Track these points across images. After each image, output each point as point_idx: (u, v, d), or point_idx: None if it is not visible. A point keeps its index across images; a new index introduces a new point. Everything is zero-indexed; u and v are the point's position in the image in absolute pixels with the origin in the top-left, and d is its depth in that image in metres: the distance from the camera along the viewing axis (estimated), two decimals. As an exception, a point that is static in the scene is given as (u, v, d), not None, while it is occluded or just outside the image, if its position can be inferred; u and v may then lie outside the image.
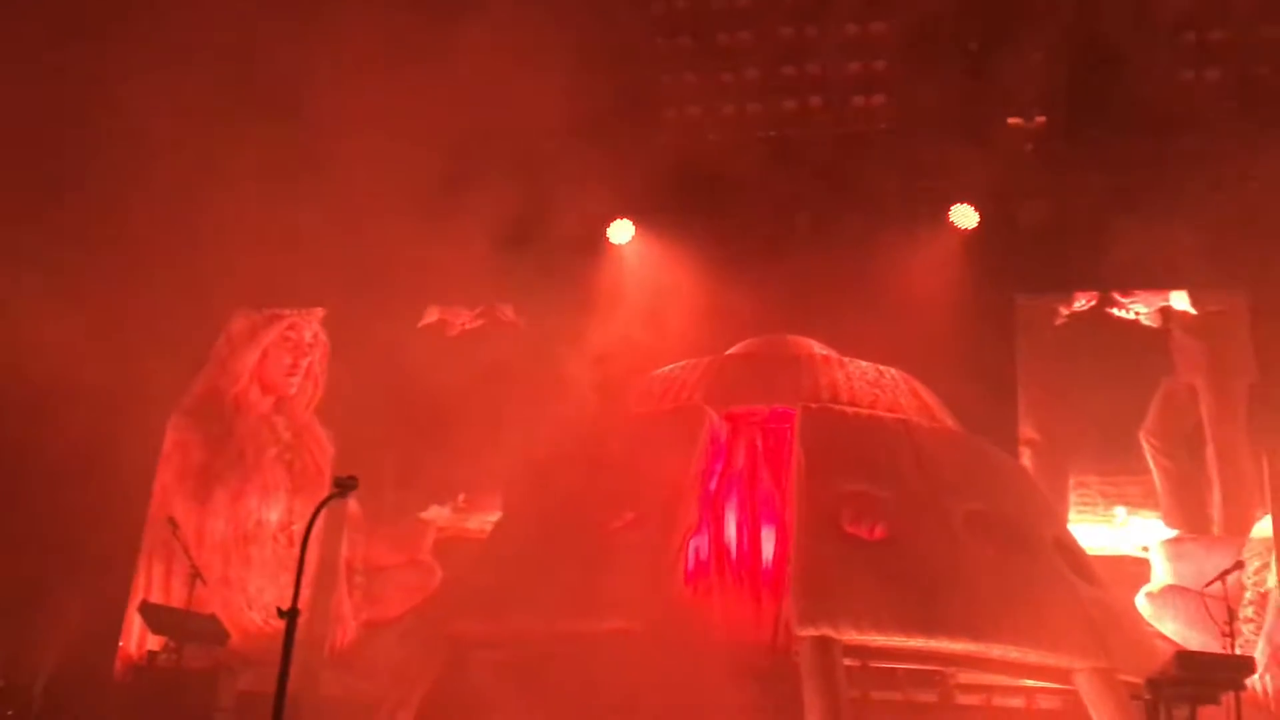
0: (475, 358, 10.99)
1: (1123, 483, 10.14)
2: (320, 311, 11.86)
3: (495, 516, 10.05)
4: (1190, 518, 9.86)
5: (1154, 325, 10.40)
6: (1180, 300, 10.29)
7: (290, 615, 5.22)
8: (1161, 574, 9.70)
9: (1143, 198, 9.62)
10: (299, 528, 10.73)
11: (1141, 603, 9.65)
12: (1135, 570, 9.71)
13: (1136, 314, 10.41)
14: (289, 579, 10.74)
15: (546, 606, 7.52)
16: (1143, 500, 10.05)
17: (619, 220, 11.10)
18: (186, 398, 11.58)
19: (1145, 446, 10.15)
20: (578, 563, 7.65)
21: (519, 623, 7.66)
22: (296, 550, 10.72)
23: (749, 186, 10.49)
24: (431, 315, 11.64)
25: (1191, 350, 10.25)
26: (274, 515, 11.27)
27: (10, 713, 9.11)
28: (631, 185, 10.29)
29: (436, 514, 11.22)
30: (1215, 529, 9.79)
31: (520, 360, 10.21)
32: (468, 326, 11.65)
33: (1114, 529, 10.03)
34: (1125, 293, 10.42)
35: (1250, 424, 9.90)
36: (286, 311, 11.92)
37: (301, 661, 10.17)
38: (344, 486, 5.49)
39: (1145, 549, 9.86)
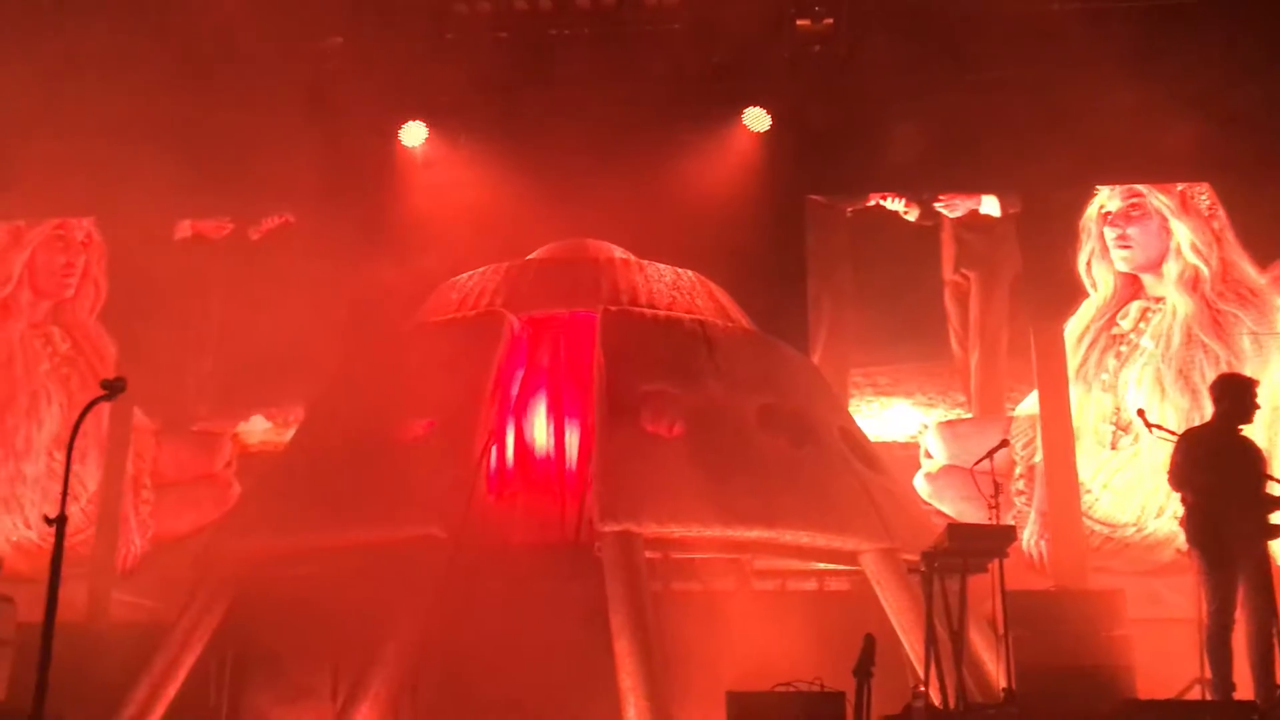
0: (269, 267, 10.57)
1: (892, 373, 10.73)
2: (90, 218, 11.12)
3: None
4: (984, 403, 10.58)
5: (915, 222, 10.86)
6: (990, 204, 10.73)
7: (59, 522, 4.94)
8: (938, 455, 10.41)
9: (933, 101, 9.92)
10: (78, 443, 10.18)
11: (920, 483, 10.36)
12: (906, 455, 10.37)
13: (909, 210, 10.83)
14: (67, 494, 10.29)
15: (342, 518, 7.39)
16: (909, 389, 10.66)
17: (411, 122, 10.67)
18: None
19: (953, 344, 10.68)
20: (375, 472, 7.52)
21: (314, 536, 7.50)
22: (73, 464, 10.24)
23: (542, 86, 10.31)
24: (184, 230, 11.06)
25: (965, 246, 10.80)
26: (47, 429, 10.63)
27: None
28: (422, 85, 9.98)
29: (250, 429, 10.77)
30: (973, 410, 10.56)
31: (313, 270, 9.84)
32: (269, 229, 11.06)
33: (888, 417, 10.63)
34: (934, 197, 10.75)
35: (1012, 314, 10.58)
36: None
37: (90, 584, 9.93)
38: (112, 389, 5.17)
39: (921, 432, 10.51)
